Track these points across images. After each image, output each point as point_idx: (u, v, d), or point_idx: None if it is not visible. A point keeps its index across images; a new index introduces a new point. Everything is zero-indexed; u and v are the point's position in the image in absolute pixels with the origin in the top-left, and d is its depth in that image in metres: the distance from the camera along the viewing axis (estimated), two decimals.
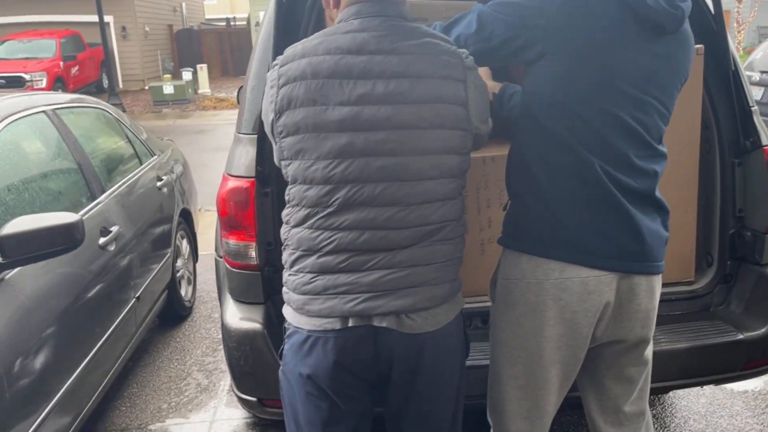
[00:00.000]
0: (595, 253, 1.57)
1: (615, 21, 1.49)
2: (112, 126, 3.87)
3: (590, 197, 1.55)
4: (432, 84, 1.43)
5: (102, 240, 2.85)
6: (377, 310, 1.46)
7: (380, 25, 1.45)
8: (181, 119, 14.49)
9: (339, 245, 1.45)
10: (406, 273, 1.47)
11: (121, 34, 19.04)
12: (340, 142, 1.41)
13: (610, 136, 1.53)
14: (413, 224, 1.46)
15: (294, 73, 1.44)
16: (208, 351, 3.75)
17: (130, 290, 3.11)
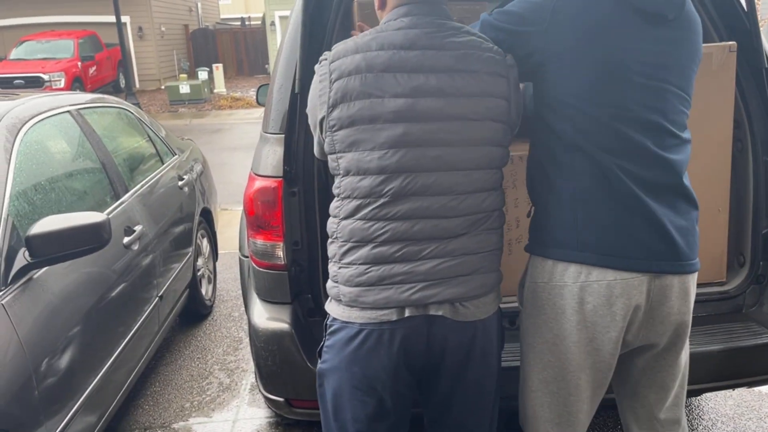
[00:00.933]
0: (620, 255, 1.53)
1: (613, 14, 1.50)
2: (133, 125, 3.89)
3: (610, 197, 1.52)
4: (481, 78, 1.50)
5: (126, 239, 2.86)
6: (433, 299, 1.50)
7: (429, 23, 1.51)
8: (198, 119, 14.57)
9: (393, 235, 1.48)
10: (459, 261, 1.51)
11: (137, 35, 19.17)
12: (396, 132, 1.45)
13: (624, 131, 1.51)
14: (464, 213, 1.51)
15: (348, 67, 1.48)
16: (229, 350, 3.76)
17: (153, 289, 3.12)
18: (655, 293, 1.57)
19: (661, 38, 1.53)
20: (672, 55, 1.54)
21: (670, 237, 1.55)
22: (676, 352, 1.68)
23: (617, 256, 1.53)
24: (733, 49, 2.20)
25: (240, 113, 14.83)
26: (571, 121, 1.53)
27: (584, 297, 1.56)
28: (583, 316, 1.57)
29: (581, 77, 1.51)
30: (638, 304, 1.57)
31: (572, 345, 1.60)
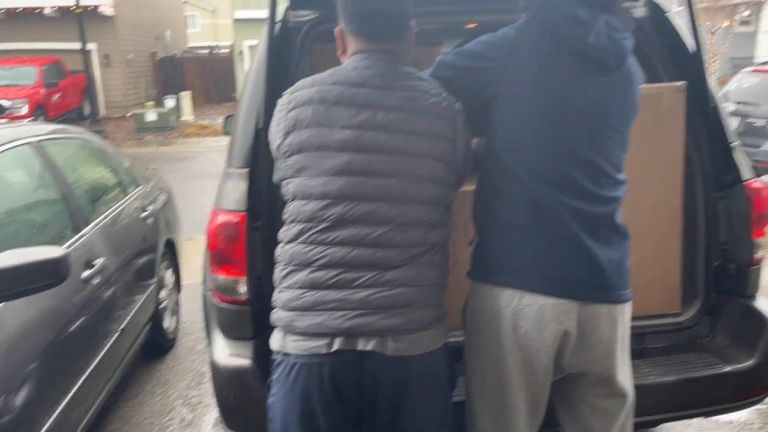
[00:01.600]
0: (551, 282, 1.61)
1: (560, 60, 1.60)
2: (96, 156, 3.85)
3: (545, 227, 1.61)
4: (425, 120, 1.58)
5: (86, 273, 2.81)
6: (365, 328, 1.52)
7: (382, 66, 1.62)
8: (164, 146, 14.44)
9: (331, 260, 1.53)
10: (395, 292, 1.54)
11: (104, 62, 19.00)
12: (341, 160, 1.54)
13: (564, 166, 1.61)
14: (402, 244, 1.55)
15: (303, 98, 1.59)
16: (192, 384, 3.69)
17: (113, 323, 3.06)
18: (585, 321, 1.65)
19: (604, 84, 1.63)
20: (614, 100, 1.65)
21: (600, 267, 1.63)
22: (612, 379, 1.73)
23: (548, 283, 1.61)
24: (682, 89, 2.30)
25: (207, 141, 14.74)
26: (515, 152, 1.62)
27: (517, 321, 1.63)
28: (516, 340, 1.64)
29: (531, 112, 1.61)
30: (568, 330, 1.63)
31: (508, 368, 1.66)
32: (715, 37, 19.66)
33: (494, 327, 1.65)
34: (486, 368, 1.69)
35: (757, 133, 8.08)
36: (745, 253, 2.33)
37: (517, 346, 1.64)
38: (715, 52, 19.61)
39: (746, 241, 2.32)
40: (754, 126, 8.16)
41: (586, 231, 1.61)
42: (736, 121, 8.35)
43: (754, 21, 21.68)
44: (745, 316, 2.33)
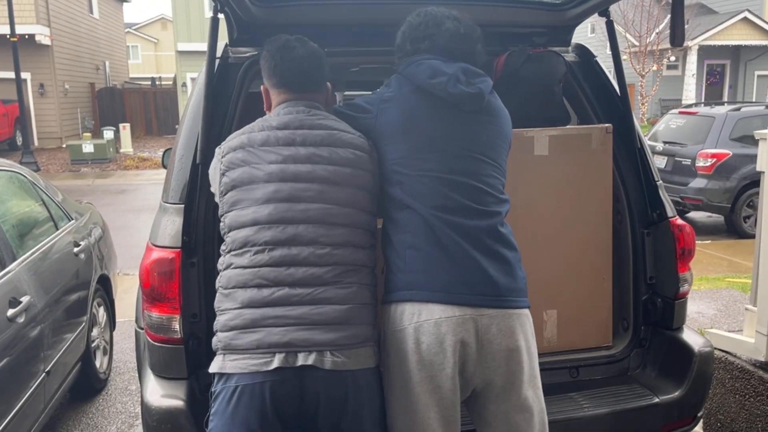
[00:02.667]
0: (443, 291, 1.73)
1: (433, 105, 1.83)
2: (26, 189, 3.71)
3: (435, 244, 1.76)
4: (344, 153, 1.77)
5: (11, 312, 2.68)
6: (303, 343, 1.61)
7: (299, 110, 1.83)
8: (101, 179, 14.06)
9: (266, 280, 1.65)
10: (330, 309, 1.65)
11: (38, 91, 18.46)
12: (268, 189, 1.70)
13: (445, 191, 1.79)
14: (331, 262, 1.69)
15: (235, 144, 1.78)
16: (124, 427, 3.54)
17: (39, 363, 2.92)
18: (482, 331, 1.74)
19: (472, 121, 1.85)
20: (483, 134, 1.86)
21: (489, 275, 1.75)
22: (517, 391, 1.79)
23: (441, 292, 1.73)
24: (609, 131, 2.41)
25: (147, 174, 14.44)
26: (399, 185, 1.81)
27: (419, 337, 1.72)
28: (420, 356, 1.72)
29: (404, 150, 1.82)
30: (465, 340, 1.72)
31: (416, 386, 1.73)
32: (644, 80, 20.70)
33: (401, 348, 1.74)
34: (397, 390, 1.76)
35: (684, 171, 8.50)
36: (671, 287, 2.42)
37: (421, 363, 1.72)
38: (644, 94, 20.63)
39: (672, 275, 2.42)
40: (681, 164, 8.58)
41: (473, 243, 1.76)
42: (665, 160, 8.78)
43: (681, 65, 22.97)
44: (673, 348, 2.41)
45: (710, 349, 2.38)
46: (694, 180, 8.34)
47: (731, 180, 8.18)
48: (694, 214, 9.20)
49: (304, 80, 1.87)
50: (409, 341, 1.72)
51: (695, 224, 9.10)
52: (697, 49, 21.44)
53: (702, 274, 6.34)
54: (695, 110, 9.39)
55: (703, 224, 9.16)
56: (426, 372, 1.72)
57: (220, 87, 2.24)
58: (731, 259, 7.08)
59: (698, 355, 2.33)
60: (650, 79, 21.46)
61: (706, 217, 9.29)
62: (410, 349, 1.72)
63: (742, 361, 3.04)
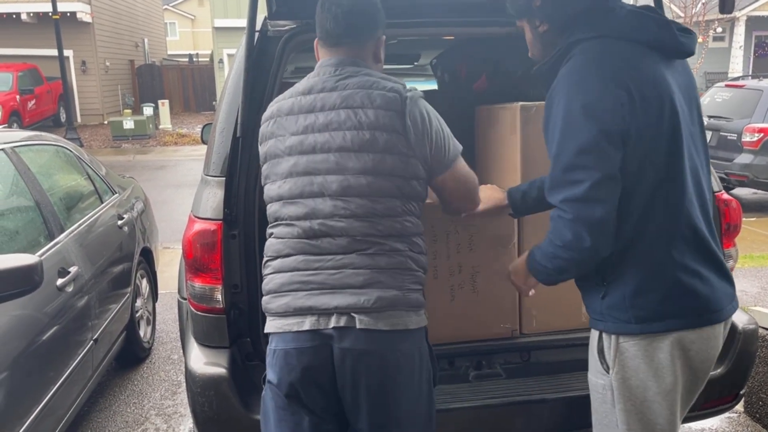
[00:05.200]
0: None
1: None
2: (71, 163, 3.81)
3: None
4: (365, 113, 1.66)
5: (60, 281, 2.77)
6: (324, 306, 1.64)
7: (328, 70, 1.75)
8: (141, 155, 14.32)
9: (294, 249, 1.70)
10: (351, 273, 1.65)
11: (80, 69, 18.82)
12: (288, 163, 1.71)
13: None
14: (353, 234, 1.66)
15: (266, 114, 1.81)
16: (167, 394, 3.65)
17: (87, 332, 3.02)
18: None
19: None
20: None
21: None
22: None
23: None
24: None
25: (185, 150, 14.66)
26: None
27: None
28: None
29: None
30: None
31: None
32: None
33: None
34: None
35: (729, 146, 8.26)
36: None
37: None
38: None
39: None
40: (727, 139, 8.33)
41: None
42: (709, 135, 8.52)
43: (728, 37, 22.17)
44: None
45: (754, 327, 2.33)
46: (740, 155, 8.10)
47: None
48: (739, 190, 8.95)
49: (341, 31, 1.75)
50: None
51: (740, 201, 8.84)
52: (745, 20, 20.63)
53: (746, 252, 6.19)
54: (742, 83, 9.09)
55: (749, 201, 8.90)
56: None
57: (260, 60, 2.25)
58: None
59: (741, 332, 2.28)
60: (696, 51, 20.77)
61: (752, 193, 9.03)
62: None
63: None
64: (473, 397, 2.14)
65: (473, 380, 2.26)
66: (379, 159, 1.65)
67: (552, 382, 2.23)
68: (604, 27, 1.61)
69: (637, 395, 1.63)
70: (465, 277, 2.27)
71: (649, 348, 1.60)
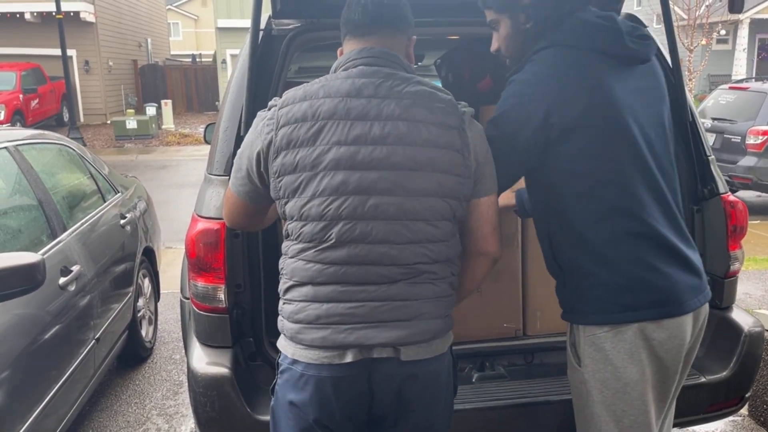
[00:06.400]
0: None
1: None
2: (74, 162, 3.80)
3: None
4: (426, 129, 1.50)
5: (62, 280, 2.77)
6: (371, 341, 1.49)
7: (377, 71, 1.55)
8: (144, 154, 14.33)
9: (332, 277, 1.50)
10: (398, 305, 1.51)
11: (84, 68, 18.85)
12: (336, 180, 1.47)
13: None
14: (404, 262, 1.51)
15: (295, 114, 1.50)
16: (169, 394, 3.65)
17: (89, 331, 3.01)
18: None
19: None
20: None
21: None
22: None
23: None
24: None
25: (188, 150, 14.67)
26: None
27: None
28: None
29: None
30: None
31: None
32: (693, 54, 20.02)
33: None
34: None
35: (733, 148, 8.23)
36: (721, 265, 2.35)
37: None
38: (693, 70, 19.96)
39: (722, 253, 2.35)
40: (731, 142, 8.31)
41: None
42: (713, 137, 8.50)
43: (731, 39, 22.14)
44: (721, 328, 2.35)
45: (760, 329, 2.32)
46: (744, 158, 8.07)
47: None
48: (743, 193, 8.91)
49: (371, 20, 1.59)
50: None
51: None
52: (748, 22, 20.59)
53: (750, 254, 6.17)
54: (746, 85, 9.06)
55: (753, 204, 8.88)
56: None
57: (264, 59, 2.25)
58: None
59: (747, 335, 2.27)
60: (699, 53, 20.72)
61: (756, 196, 9.01)
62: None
63: None
64: (477, 399, 2.13)
65: (476, 382, 2.25)
66: (441, 179, 1.51)
67: (556, 384, 2.22)
68: (559, 36, 1.70)
69: (606, 387, 1.69)
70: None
71: (614, 340, 1.67)
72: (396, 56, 1.59)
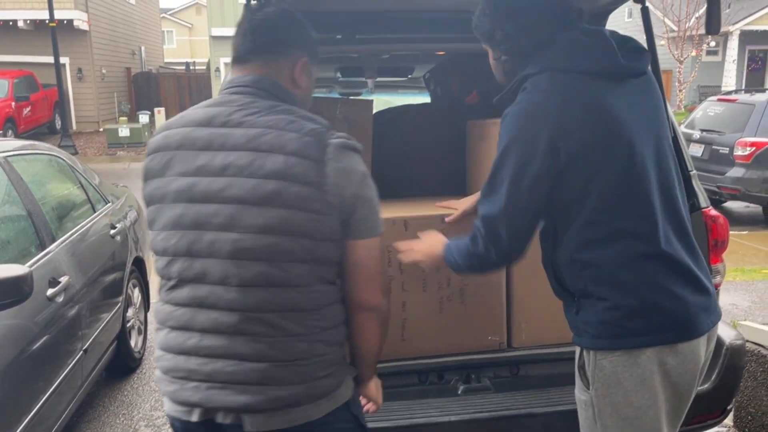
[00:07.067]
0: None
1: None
2: (64, 173, 3.81)
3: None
4: (274, 160, 1.34)
5: (50, 291, 2.77)
6: (214, 404, 1.36)
7: (235, 100, 1.43)
8: (137, 162, 14.29)
9: (178, 323, 1.40)
10: (245, 368, 1.35)
11: (77, 76, 18.83)
12: (175, 212, 1.39)
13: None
14: (245, 308, 1.35)
15: (154, 145, 1.46)
16: (157, 405, 3.64)
17: (77, 342, 3.02)
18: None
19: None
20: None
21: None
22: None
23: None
24: None
25: None
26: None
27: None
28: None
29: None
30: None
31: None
32: (683, 66, 20.20)
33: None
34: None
35: (721, 160, 8.31)
36: None
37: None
38: (682, 81, 20.13)
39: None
40: (719, 153, 8.39)
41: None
42: (701, 148, 8.58)
43: (721, 51, 22.36)
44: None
45: (741, 342, 2.34)
46: (732, 169, 8.14)
47: None
48: (731, 204, 9.01)
49: (248, 47, 1.47)
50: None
51: (732, 214, 8.90)
52: (738, 34, 20.83)
53: (738, 265, 6.22)
54: (734, 97, 9.16)
55: (741, 215, 8.95)
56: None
57: None
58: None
59: (728, 347, 2.29)
60: (689, 65, 20.93)
61: (744, 207, 9.08)
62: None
63: None
64: (462, 411, 2.14)
65: (462, 394, 2.27)
66: (286, 215, 1.33)
67: (541, 396, 2.24)
68: (550, 60, 1.64)
69: (617, 411, 1.63)
70: (454, 290, 2.28)
71: (627, 364, 1.60)
72: (270, 83, 1.45)
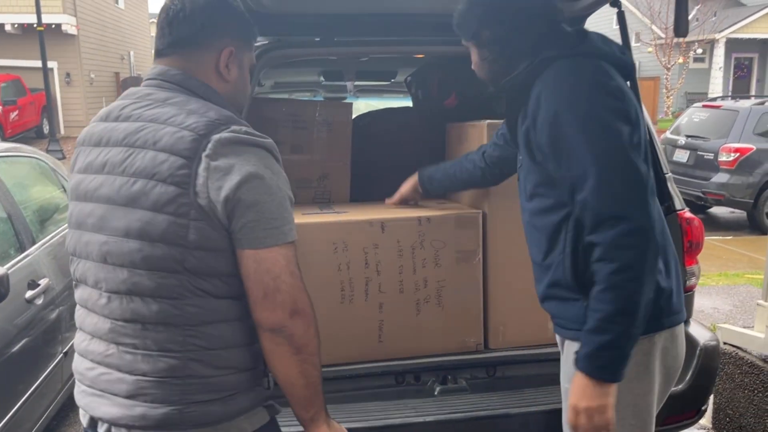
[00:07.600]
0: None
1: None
2: (47, 176, 3.80)
3: None
4: (144, 156, 1.23)
5: (29, 293, 2.77)
6: (93, 412, 1.31)
7: (136, 92, 1.35)
8: None
9: (79, 321, 1.38)
10: (117, 378, 1.27)
11: (65, 80, 18.75)
12: (70, 210, 1.37)
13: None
14: (114, 317, 1.26)
15: (78, 139, 1.43)
16: None
17: (57, 345, 3.01)
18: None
19: None
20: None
21: None
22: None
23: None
24: None
25: None
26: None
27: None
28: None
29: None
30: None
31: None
32: (670, 72, 20.38)
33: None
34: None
35: (706, 165, 8.39)
36: None
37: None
38: (670, 87, 20.31)
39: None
40: (704, 159, 8.47)
41: None
42: (687, 154, 8.66)
43: (708, 58, 22.59)
44: None
45: (715, 344, 2.37)
46: (717, 175, 8.22)
47: (754, 175, 8.06)
48: (716, 209, 9.08)
49: (165, 40, 1.36)
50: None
51: (717, 220, 8.98)
52: (724, 41, 21.06)
53: (722, 270, 6.27)
54: (719, 104, 9.26)
55: (725, 220, 9.03)
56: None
57: None
58: (752, 255, 6.98)
59: (702, 348, 2.32)
60: (676, 71, 21.12)
61: (729, 212, 9.17)
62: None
63: (752, 357, 3.02)
64: (438, 412, 2.15)
65: (438, 395, 2.28)
66: (150, 218, 1.20)
67: (517, 397, 2.25)
68: (578, 47, 1.60)
69: (618, 400, 1.56)
70: (431, 292, 2.30)
71: (634, 352, 1.55)
72: (182, 76, 1.34)
